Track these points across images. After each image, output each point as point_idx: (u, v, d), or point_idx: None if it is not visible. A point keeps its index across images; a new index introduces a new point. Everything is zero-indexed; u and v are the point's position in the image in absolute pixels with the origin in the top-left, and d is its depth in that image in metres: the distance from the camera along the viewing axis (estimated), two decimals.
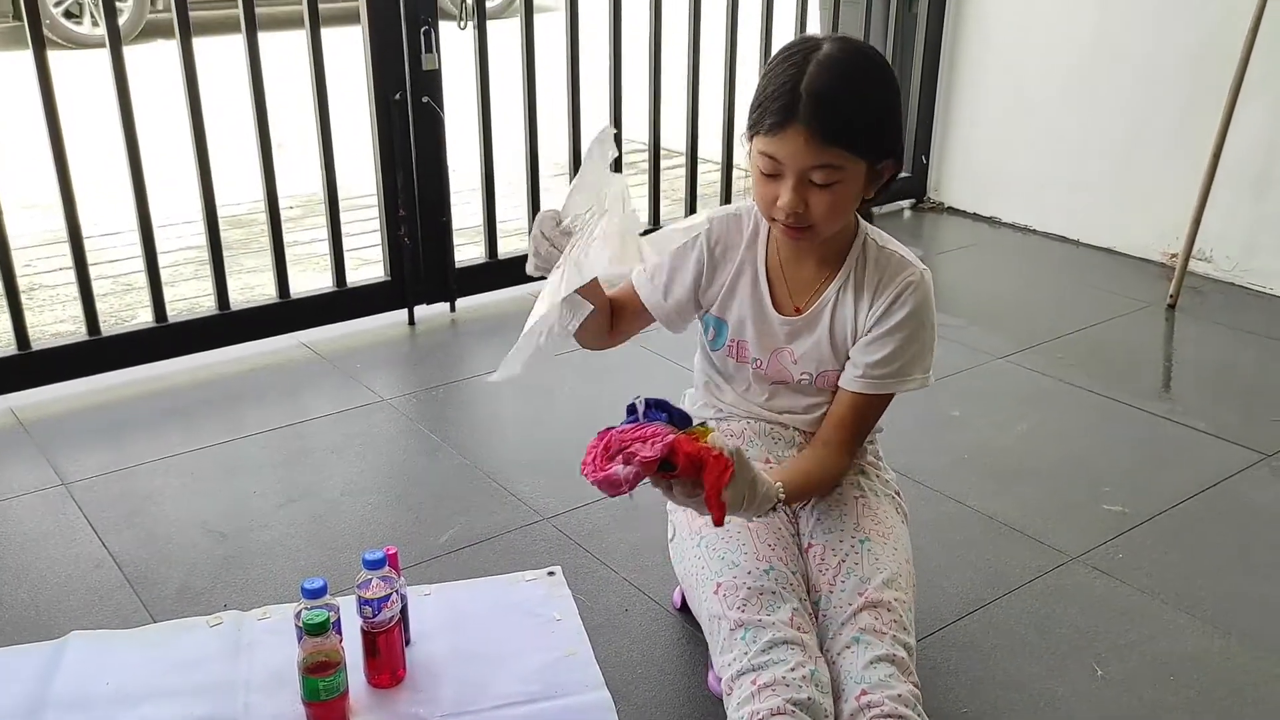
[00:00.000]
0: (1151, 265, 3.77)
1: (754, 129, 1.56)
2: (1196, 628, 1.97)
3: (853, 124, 1.51)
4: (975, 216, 4.31)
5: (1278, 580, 2.11)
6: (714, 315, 1.78)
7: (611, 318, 1.78)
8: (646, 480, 1.38)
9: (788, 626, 1.51)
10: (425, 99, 3.09)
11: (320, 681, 1.63)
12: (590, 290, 1.63)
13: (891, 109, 1.58)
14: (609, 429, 1.42)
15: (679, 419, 1.43)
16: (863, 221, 1.72)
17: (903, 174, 4.55)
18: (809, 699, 1.43)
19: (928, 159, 4.39)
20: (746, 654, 1.49)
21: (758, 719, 1.41)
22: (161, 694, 1.78)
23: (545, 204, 3.50)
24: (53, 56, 2.65)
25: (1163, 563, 2.16)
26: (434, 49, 3.06)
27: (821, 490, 1.71)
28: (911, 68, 4.24)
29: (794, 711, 1.41)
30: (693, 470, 1.36)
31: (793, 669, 1.45)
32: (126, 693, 1.79)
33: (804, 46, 1.55)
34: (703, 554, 1.64)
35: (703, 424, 1.51)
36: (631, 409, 1.43)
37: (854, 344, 1.69)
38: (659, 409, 1.43)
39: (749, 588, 1.56)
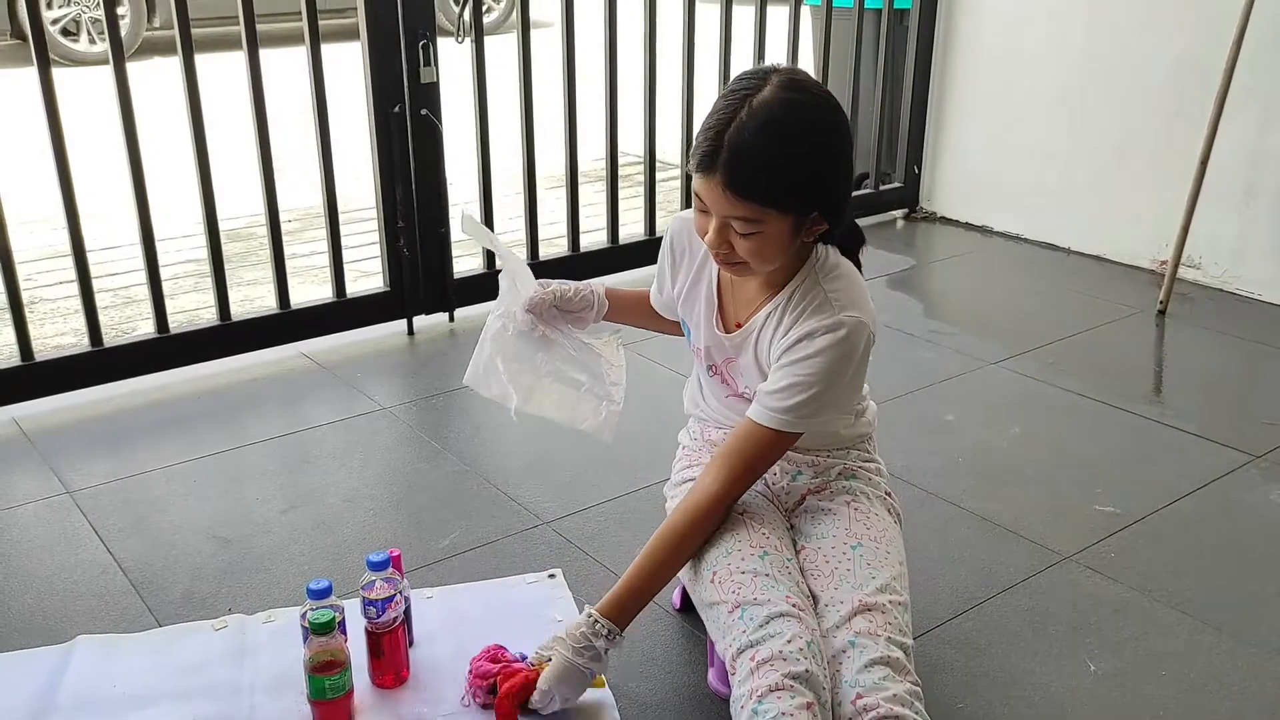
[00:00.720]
0: (1141, 272, 3.81)
1: (689, 160, 1.58)
2: (1187, 624, 2.00)
3: (771, 181, 1.50)
4: (967, 226, 4.35)
5: (1267, 577, 2.15)
6: (682, 317, 1.84)
7: (652, 319, 1.96)
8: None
9: (784, 602, 1.53)
10: (423, 111, 3.13)
11: (326, 680, 1.65)
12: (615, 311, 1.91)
13: (824, 164, 1.54)
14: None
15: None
16: (824, 253, 1.66)
17: (895, 184, 4.59)
18: (806, 671, 1.44)
19: (920, 169, 4.44)
20: (745, 631, 1.51)
21: (757, 695, 1.43)
22: (168, 696, 1.80)
23: (543, 215, 3.55)
24: (53, 74, 2.68)
25: (1154, 561, 2.19)
26: (432, 62, 3.10)
27: (701, 529, 1.68)
28: (903, 79, 4.29)
29: (792, 685, 1.43)
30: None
31: (789, 641, 1.47)
32: (133, 695, 1.81)
33: (748, 87, 1.53)
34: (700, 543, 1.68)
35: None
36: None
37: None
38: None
39: (744, 571, 1.59)
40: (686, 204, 3.90)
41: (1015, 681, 1.86)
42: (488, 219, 3.42)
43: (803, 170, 1.52)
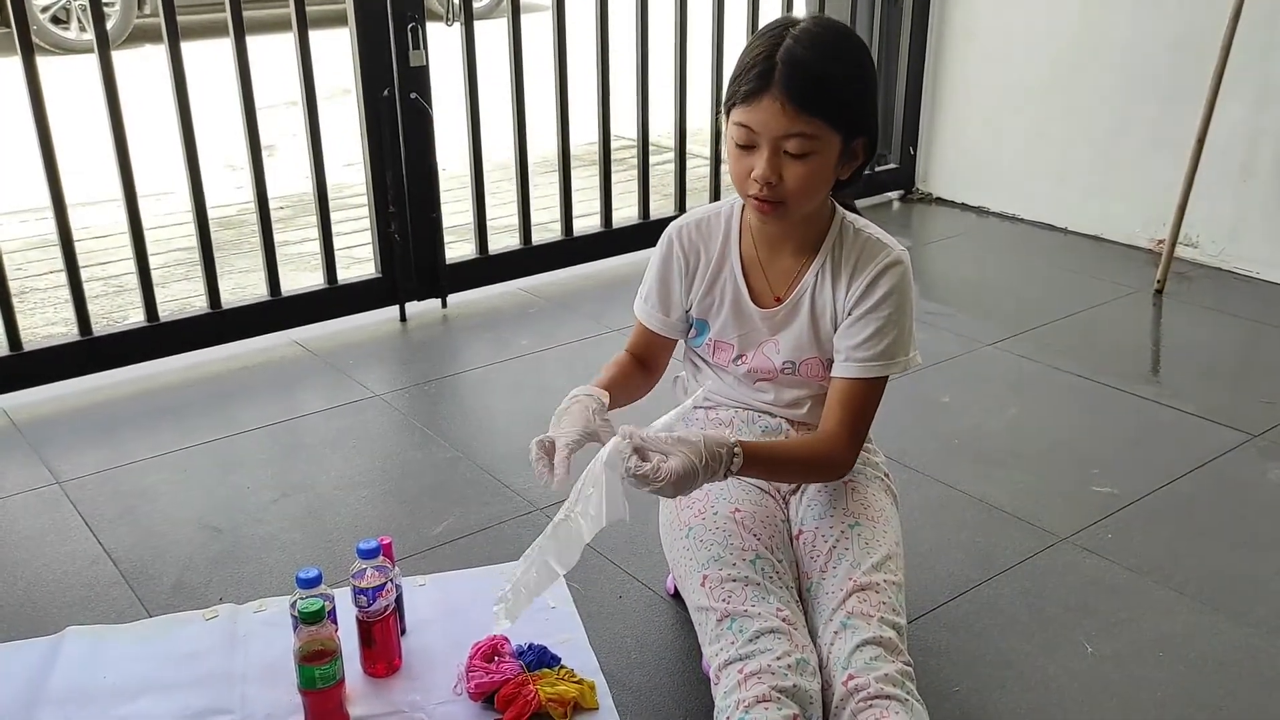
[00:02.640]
0: (1138, 252, 3.79)
1: (730, 100, 1.57)
2: (1185, 605, 1.99)
3: (827, 93, 1.52)
4: (963, 206, 4.33)
5: (1265, 557, 2.13)
6: (697, 318, 1.80)
7: (641, 367, 1.83)
8: None
9: (774, 617, 1.52)
10: (413, 95, 3.10)
11: (317, 670, 1.63)
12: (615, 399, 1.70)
13: (867, 86, 1.58)
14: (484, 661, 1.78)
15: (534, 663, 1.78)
16: (839, 208, 1.72)
17: (890, 165, 4.56)
18: (794, 686, 1.44)
19: (915, 150, 4.41)
20: (734, 644, 1.50)
21: (744, 706, 1.43)
22: (159, 687, 1.79)
23: (535, 199, 3.53)
24: (40, 62, 2.65)
25: (1151, 542, 2.18)
26: (421, 46, 3.07)
27: (819, 473, 1.70)
28: (898, 60, 4.26)
29: (779, 698, 1.42)
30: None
31: (779, 658, 1.47)
32: (124, 686, 1.79)
33: (782, 22, 1.57)
34: (690, 545, 1.65)
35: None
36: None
37: (835, 328, 1.70)
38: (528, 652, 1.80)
39: (734, 579, 1.57)
40: (681, 188, 3.88)
41: (1011, 664, 1.85)
42: (479, 204, 3.39)
43: (854, 86, 1.56)
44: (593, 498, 1.49)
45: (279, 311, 3.14)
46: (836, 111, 1.53)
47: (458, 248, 3.52)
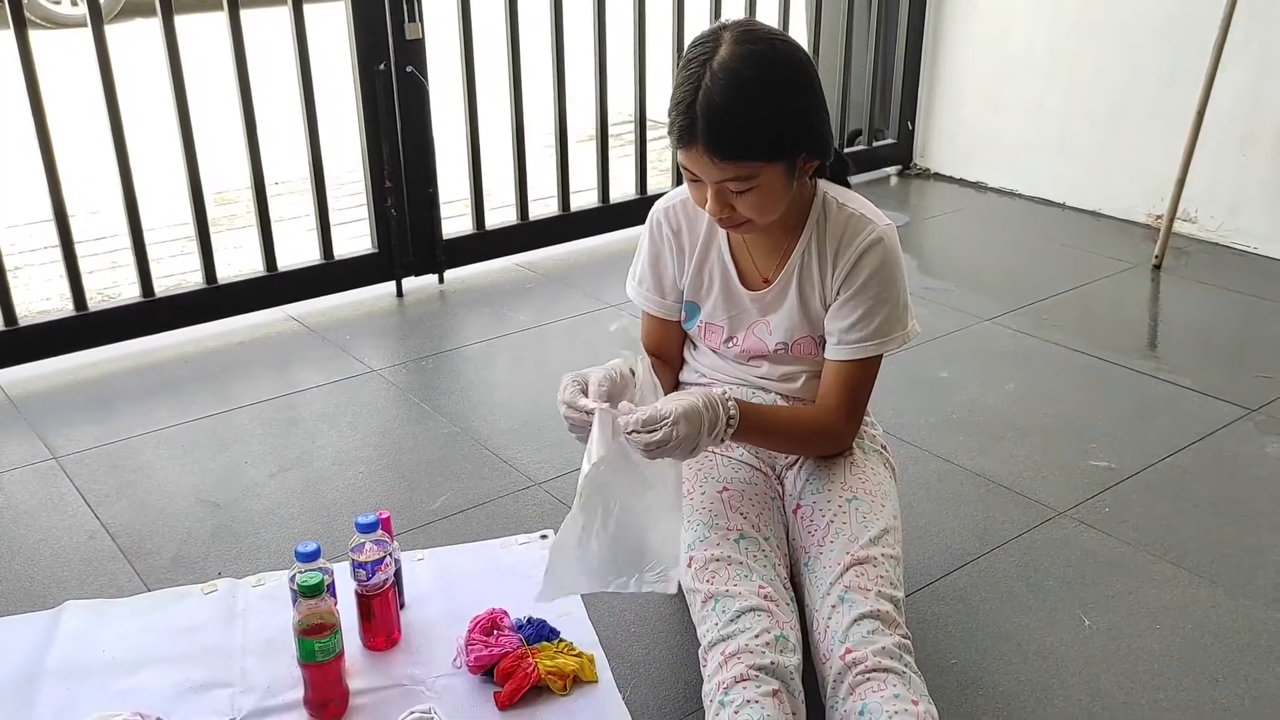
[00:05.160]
0: (1137, 227, 3.78)
1: (669, 134, 1.56)
2: (1182, 577, 2.00)
3: (751, 137, 1.49)
4: (961, 182, 4.32)
5: (1262, 530, 2.14)
6: (687, 299, 1.79)
7: (660, 363, 1.83)
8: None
9: (755, 595, 1.52)
10: (409, 69, 3.08)
11: (316, 643, 1.63)
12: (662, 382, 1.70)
13: (795, 109, 1.52)
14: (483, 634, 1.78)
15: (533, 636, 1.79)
16: (821, 183, 1.70)
17: (888, 140, 4.53)
18: (771, 663, 1.45)
19: (913, 125, 4.39)
20: (717, 625, 1.51)
21: (723, 687, 1.44)
22: (158, 660, 1.79)
23: (532, 173, 3.51)
24: (32, 36, 2.63)
25: (1149, 516, 2.18)
26: (417, 18, 3.04)
27: (817, 445, 1.71)
28: (896, 35, 4.23)
29: (756, 676, 1.43)
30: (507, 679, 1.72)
31: (757, 636, 1.47)
32: (123, 660, 1.80)
33: (704, 51, 1.51)
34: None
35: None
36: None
37: (825, 308, 1.69)
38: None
39: (717, 559, 1.57)
40: (676, 167, 3.86)
41: (1009, 636, 1.85)
42: (475, 179, 3.38)
43: (779, 117, 1.51)
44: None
45: (275, 286, 3.13)
46: (766, 150, 1.50)
47: (454, 223, 3.50)
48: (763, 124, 1.50)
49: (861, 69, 4.21)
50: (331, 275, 3.21)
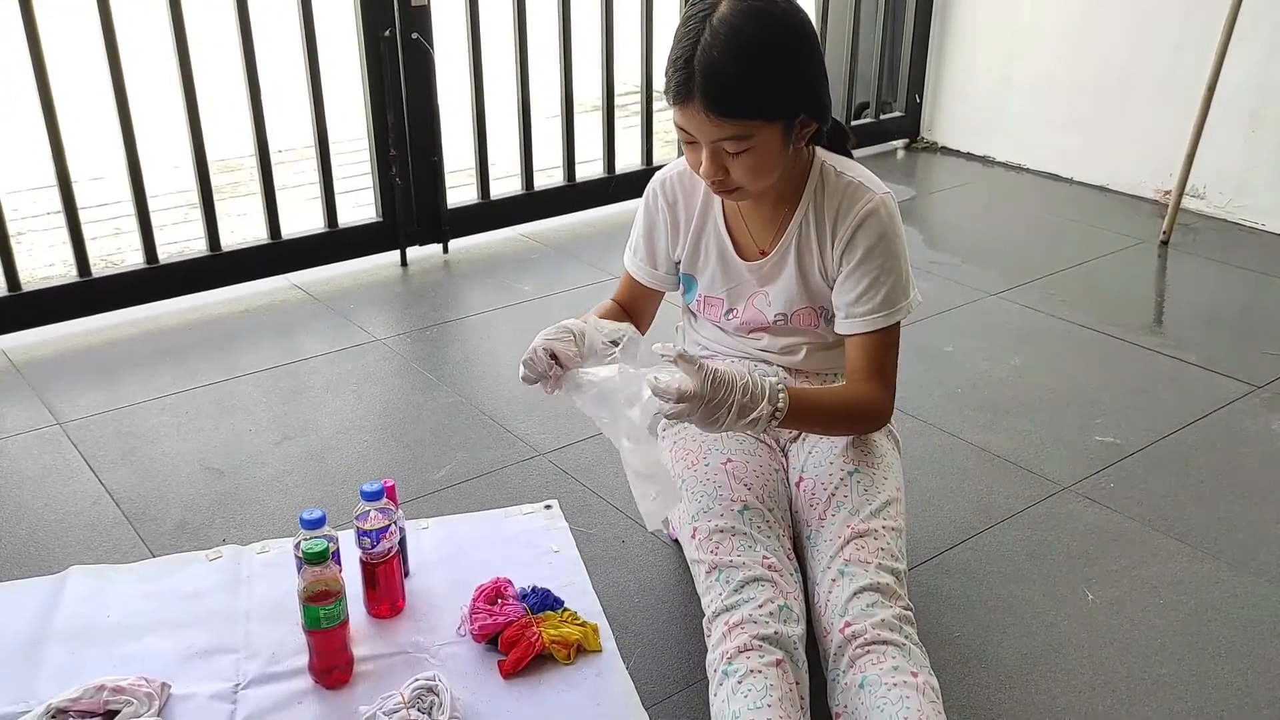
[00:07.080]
0: (1145, 203, 3.77)
1: (665, 93, 1.54)
2: (1186, 553, 2.00)
3: (749, 95, 1.48)
4: (969, 156, 4.29)
5: (1267, 506, 2.14)
6: (684, 272, 1.79)
7: (628, 316, 1.82)
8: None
9: (759, 565, 1.52)
10: (415, 36, 3.05)
11: (321, 609, 1.64)
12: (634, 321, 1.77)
13: (794, 68, 1.50)
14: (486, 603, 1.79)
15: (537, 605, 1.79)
16: (819, 151, 1.68)
17: (896, 113, 4.50)
18: (775, 633, 1.45)
19: (921, 99, 4.36)
20: (721, 595, 1.51)
21: (727, 657, 1.44)
22: (163, 625, 1.80)
23: (537, 143, 3.49)
24: (35, 1, 2.60)
25: (1154, 491, 2.18)
26: None
27: (863, 422, 1.67)
28: (905, 6, 4.20)
29: (760, 645, 1.43)
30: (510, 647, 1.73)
31: (760, 605, 1.47)
32: (128, 625, 1.80)
33: (703, 9, 1.50)
34: (683, 497, 1.66)
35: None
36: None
37: (824, 278, 1.68)
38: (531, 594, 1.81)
39: (721, 530, 1.57)
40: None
41: (1013, 610, 1.85)
42: (481, 149, 3.36)
43: (778, 74, 1.49)
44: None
45: (279, 254, 3.12)
46: (764, 108, 1.49)
47: (459, 193, 3.49)
48: (761, 81, 1.48)
49: (869, 41, 4.18)
50: (336, 244, 3.21)
